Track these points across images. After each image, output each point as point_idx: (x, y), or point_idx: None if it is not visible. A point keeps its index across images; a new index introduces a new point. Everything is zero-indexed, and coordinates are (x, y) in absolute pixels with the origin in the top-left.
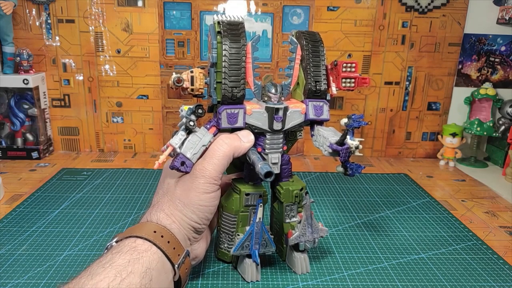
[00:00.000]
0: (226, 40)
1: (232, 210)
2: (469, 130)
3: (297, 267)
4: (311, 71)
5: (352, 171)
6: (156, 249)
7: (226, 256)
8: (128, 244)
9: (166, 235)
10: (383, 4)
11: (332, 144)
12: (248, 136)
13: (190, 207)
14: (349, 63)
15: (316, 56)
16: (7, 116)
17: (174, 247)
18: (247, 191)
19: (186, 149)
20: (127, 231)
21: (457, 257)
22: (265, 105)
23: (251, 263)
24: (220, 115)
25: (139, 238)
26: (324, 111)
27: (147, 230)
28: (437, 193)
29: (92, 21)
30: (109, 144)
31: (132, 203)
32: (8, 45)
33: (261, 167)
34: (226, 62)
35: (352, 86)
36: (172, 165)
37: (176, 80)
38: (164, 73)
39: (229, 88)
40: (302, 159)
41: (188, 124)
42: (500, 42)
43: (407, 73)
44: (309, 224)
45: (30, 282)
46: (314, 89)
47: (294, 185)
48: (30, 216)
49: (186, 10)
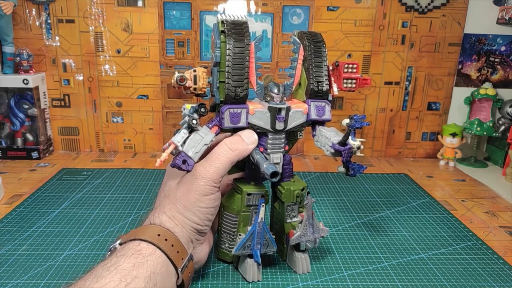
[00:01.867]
0: (230, 40)
1: (233, 210)
2: (469, 130)
3: (298, 267)
4: (313, 72)
5: (354, 171)
6: (160, 253)
7: (227, 256)
8: (133, 248)
9: (170, 238)
10: (383, 4)
11: (334, 144)
12: (251, 137)
13: (191, 209)
14: (350, 64)
15: (318, 57)
16: (7, 116)
17: (178, 250)
18: (249, 191)
19: (188, 148)
20: (131, 233)
21: (457, 257)
22: (267, 105)
23: (252, 263)
24: (223, 115)
25: (144, 241)
26: (326, 111)
27: (151, 233)
28: (437, 193)
29: (92, 21)
30: (109, 144)
31: (132, 203)
32: (8, 45)
33: (266, 167)
34: (229, 62)
35: (354, 87)
36: (173, 163)
37: (179, 79)
38: (164, 73)
39: (233, 87)
40: (302, 159)
41: (191, 123)
42: (500, 42)
43: (407, 73)
44: (310, 224)
45: (30, 282)
46: (316, 89)
47: (295, 185)
48: (30, 216)
49: (186, 10)
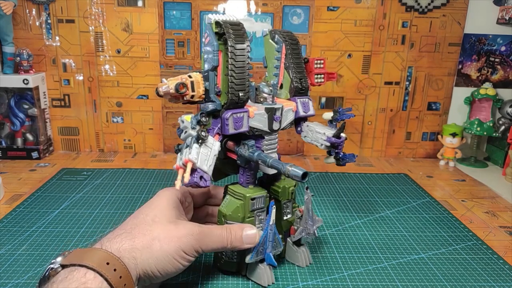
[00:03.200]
0: (231, 42)
1: (238, 217)
2: (469, 130)
3: (301, 261)
4: (295, 69)
5: (347, 160)
6: (107, 285)
7: (231, 266)
8: (77, 279)
9: (119, 269)
10: (383, 4)
11: (330, 138)
12: (253, 241)
13: (157, 258)
14: (319, 60)
15: (296, 54)
16: (7, 116)
17: (125, 283)
18: (253, 196)
19: (202, 162)
20: (77, 254)
21: (457, 257)
22: (264, 107)
23: (265, 267)
24: (227, 121)
25: (90, 270)
26: (310, 107)
27: (99, 259)
28: (437, 193)
29: (92, 21)
30: (109, 144)
31: (132, 203)
32: (8, 45)
33: (293, 169)
34: (232, 65)
35: (322, 81)
36: (191, 181)
37: (179, 87)
38: (164, 73)
39: (236, 91)
40: (302, 159)
41: (201, 135)
42: (500, 42)
43: (407, 73)
44: (310, 217)
45: (30, 282)
46: (300, 86)
47: (288, 183)
48: (30, 216)
49: (186, 10)
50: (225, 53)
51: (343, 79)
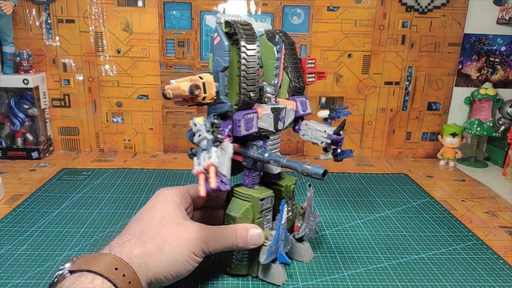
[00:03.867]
0: (243, 42)
1: (248, 219)
2: (469, 130)
3: (304, 256)
4: (293, 69)
5: (345, 156)
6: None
7: (243, 269)
8: (84, 284)
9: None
10: (383, 4)
11: (331, 135)
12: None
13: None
14: (310, 60)
15: (294, 54)
16: (7, 116)
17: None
18: (262, 196)
19: (221, 166)
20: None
21: (457, 257)
22: (269, 107)
23: (277, 266)
24: (239, 122)
25: (98, 276)
26: (308, 105)
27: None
28: (437, 193)
29: (92, 21)
30: (109, 144)
31: (132, 203)
32: (8, 45)
33: (312, 168)
34: (244, 66)
35: (313, 80)
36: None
37: (193, 89)
38: (164, 73)
39: (248, 92)
40: (302, 159)
41: (219, 138)
42: (500, 42)
43: (407, 73)
44: (311, 213)
45: (30, 282)
46: (298, 85)
47: (289, 181)
48: (30, 216)
49: (186, 10)
50: (235, 53)
51: (343, 79)
